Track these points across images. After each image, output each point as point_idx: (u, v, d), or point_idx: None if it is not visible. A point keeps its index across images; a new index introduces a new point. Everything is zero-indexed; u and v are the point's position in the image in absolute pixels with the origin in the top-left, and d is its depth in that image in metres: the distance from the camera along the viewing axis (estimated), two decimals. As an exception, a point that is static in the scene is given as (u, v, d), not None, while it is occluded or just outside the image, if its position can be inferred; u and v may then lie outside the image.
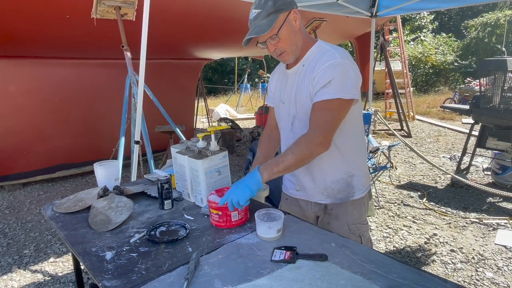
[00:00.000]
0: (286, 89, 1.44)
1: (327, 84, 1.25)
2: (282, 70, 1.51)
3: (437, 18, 20.35)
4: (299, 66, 1.39)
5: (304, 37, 1.37)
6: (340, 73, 1.26)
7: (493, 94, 3.85)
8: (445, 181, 4.42)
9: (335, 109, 1.28)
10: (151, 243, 1.21)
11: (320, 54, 1.32)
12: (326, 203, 1.46)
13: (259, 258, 1.09)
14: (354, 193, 1.45)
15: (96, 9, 2.91)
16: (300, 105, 1.37)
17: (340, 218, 1.45)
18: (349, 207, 1.45)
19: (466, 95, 10.21)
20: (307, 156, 1.28)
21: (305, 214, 1.53)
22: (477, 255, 2.73)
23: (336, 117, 1.30)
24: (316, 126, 1.28)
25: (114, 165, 1.72)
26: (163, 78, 5.47)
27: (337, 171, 1.42)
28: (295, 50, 1.35)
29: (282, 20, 1.28)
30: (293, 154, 1.27)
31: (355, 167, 1.44)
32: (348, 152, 1.41)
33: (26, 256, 2.91)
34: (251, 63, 13.43)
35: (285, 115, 1.47)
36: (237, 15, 4.27)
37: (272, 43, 1.32)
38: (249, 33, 1.30)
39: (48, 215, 1.52)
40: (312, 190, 1.47)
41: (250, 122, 9.46)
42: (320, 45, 1.37)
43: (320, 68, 1.27)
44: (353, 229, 1.44)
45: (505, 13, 14.82)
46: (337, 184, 1.43)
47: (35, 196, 4.26)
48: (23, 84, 4.25)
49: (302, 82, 1.35)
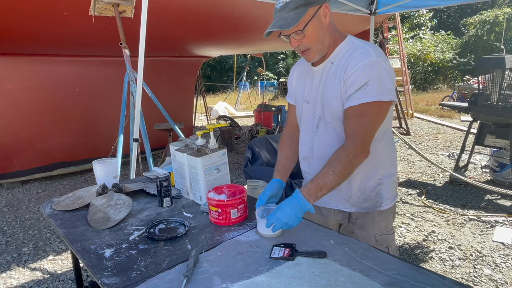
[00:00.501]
0: (312, 88, 1.32)
1: (363, 86, 1.14)
2: (305, 66, 1.39)
3: (436, 15, 20.35)
4: (327, 63, 1.27)
5: (333, 34, 1.25)
6: (377, 73, 1.14)
7: (491, 91, 3.85)
8: (443, 178, 4.43)
9: (374, 114, 1.17)
10: (150, 241, 1.21)
11: (351, 51, 1.20)
12: (350, 211, 1.37)
13: (258, 255, 1.09)
14: (382, 203, 1.34)
15: (94, 6, 2.89)
16: (328, 107, 1.26)
17: (366, 229, 1.36)
18: (377, 217, 1.35)
19: (465, 92, 10.22)
20: (349, 171, 1.19)
21: (326, 221, 1.43)
22: (475, 252, 2.75)
23: (375, 122, 1.20)
24: (354, 136, 1.18)
25: (113, 163, 1.72)
26: (161, 75, 5.46)
27: (365, 177, 1.31)
28: (321, 49, 1.23)
29: (311, 14, 1.16)
30: (334, 173, 1.16)
31: (385, 174, 1.33)
32: (379, 157, 1.30)
33: (25, 254, 2.91)
34: (250, 61, 13.42)
35: (309, 115, 1.36)
36: (236, 12, 4.26)
37: (296, 38, 1.20)
38: (272, 25, 1.19)
39: (47, 212, 1.52)
40: (336, 197, 1.36)
41: (249, 120, 9.46)
42: (351, 40, 1.25)
43: (353, 68, 1.16)
44: (381, 240, 1.35)
45: (504, 11, 14.81)
46: (364, 192, 1.33)
47: (33, 194, 4.26)
48: (21, 82, 4.23)
49: (331, 81, 1.23)
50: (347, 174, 1.19)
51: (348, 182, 1.30)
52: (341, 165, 1.17)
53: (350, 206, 1.36)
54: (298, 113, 1.44)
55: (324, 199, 1.37)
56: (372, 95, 1.14)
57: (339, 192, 1.33)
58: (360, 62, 1.15)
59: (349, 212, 1.37)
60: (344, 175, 1.18)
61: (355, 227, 1.38)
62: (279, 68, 18.20)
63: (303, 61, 1.41)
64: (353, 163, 1.17)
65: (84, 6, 2.94)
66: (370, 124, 1.18)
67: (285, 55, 18.91)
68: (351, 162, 1.17)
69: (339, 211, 1.39)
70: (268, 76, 17.28)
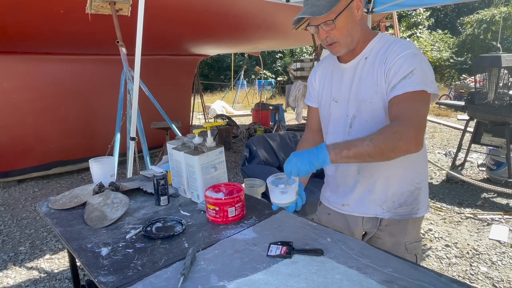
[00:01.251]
0: (342, 86, 1.25)
1: (409, 75, 1.06)
2: (329, 65, 1.33)
3: (433, 14, 20.39)
4: (360, 59, 1.20)
5: (364, 29, 1.20)
6: (420, 64, 1.08)
7: (488, 90, 3.87)
8: (440, 177, 4.45)
9: (422, 102, 1.06)
10: (147, 239, 1.21)
11: (388, 45, 1.15)
12: (383, 217, 1.26)
13: (255, 253, 1.09)
14: (419, 210, 1.26)
15: (90, 4, 2.88)
16: (367, 103, 1.17)
17: (396, 236, 1.27)
18: (409, 225, 1.26)
19: (462, 91, 10.27)
20: (389, 149, 1.00)
21: (352, 231, 1.33)
22: (471, 250, 2.76)
23: (425, 112, 1.07)
24: (405, 118, 1.03)
25: (109, 161, 1.71)
26: (159, 74, 5.45)
27: (403, 181, 1.22)
28: (350, 43, 1.16)
29: (344, 5, 1.10)
30: (371, 141, 1.01)
31: (422, 178, 1.25)
32: (416, 159, 1.20)
33: (22, 253, 2.90)
34: (247, 60, 13.39)
35: (340, 115, 1.26)
36: (233, 10, 4.25)
37: (325, 29, 1.13)
38: (303, 12, 1.12)
39: (43, 211, 1.51)
40: (368, 203, 1.26)
41: (246, 119, 9.45)
42: (385, 36, 1.20)
43: (395, 59, 1.10)
44: (410, 249, 1.28)
45: (500, 10, 14.88)
46: (401, 197, 1.23)
47: (30, 193, 4.24)
48: (17, 81, 4.21)
49: (369, 76, 1.16)
50: (384, 152, 1.01)
51: (385, 185, 1.22)
52: (382, 137, 1.01)
53: (384, 212, 1.25)
54: (324, 115, 1.34)
55: (353, 205, 1.30)
56: (418, 84, 1.06)
57: (372, 197, 1.25)
58: (401, 53, 1.10)
59: (381, 219, 1.27)
60: (381, 151, 1.00)
61: (384, 234, 1.28)
62: (277, 67, 18.18)
63: (326, 60, 1.36)
64: (398, 145, 1.00)
65: (80, 4, 2.93)
66: (423, 111, 1.05)
67: (282, 54, 18.90)
68: (396, 143, 1.00)
69: (369, 218, 1.28)
70: (265, 75, 17.27)
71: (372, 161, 1.06)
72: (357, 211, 1.30)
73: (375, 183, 1.24)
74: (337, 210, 1.36)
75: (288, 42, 8.08)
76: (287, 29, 5.34)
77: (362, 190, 1.26)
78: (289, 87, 6.63)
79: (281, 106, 7.26)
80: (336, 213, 1.37)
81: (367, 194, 1.26)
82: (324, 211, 1.44)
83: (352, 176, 1.27)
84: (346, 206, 1.32)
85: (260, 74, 13.24)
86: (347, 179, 1.29)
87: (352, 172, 1.27)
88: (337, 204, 1.36)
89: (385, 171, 1.22)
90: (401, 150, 1.01)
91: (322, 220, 1.43)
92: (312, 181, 2.67)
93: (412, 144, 1.01)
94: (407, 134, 1.00)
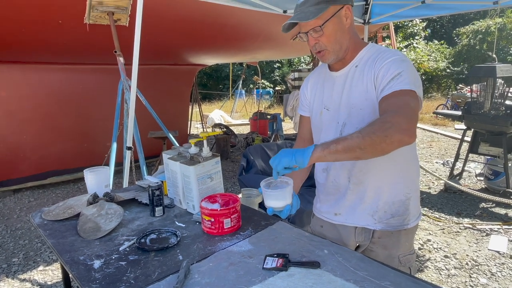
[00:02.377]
0: (333, 94, 1.26)
1: (397, 76, 1.07)
2: (321, 74, 1.35)
3: (429, 25, 20.65)
4: (350, 67, 1.22)
5: (354, 38, 1.22)
6: (408, 68, 1.09)
7: (484, 100, 3.89)
8: (438, 186, 4.44)
9: (413, 98, 1.05)
10: (140, 251, 1.19)
11: (377, 53, 1.17)
12: (375, 229, 1.26)
13: (251, 266, 1.07)
14: (410, 220, 1.26)
15: (89, 14, 2.90)
16: (358, 110, 1.18)
17: (389, 249, 1.27)
18: (402, 237, 1.26)
19: (458, 101, 10.33)
20: (380, 139, 0.94)
21: (345, 243, 1.30)
22: (470, 261, 2.74)
23: (416, 106, 1.04)
24: (394, 108, 1.01)
25: (104, 171, 1.70)
26: (156, 83, 5.46)
27: (394, 190, 1.22)
28: (338, 50, 1.18)
29: (332, 13, 1.13)
30: (360, 133, 0.97)
31: (413, 188, 1.25)
32: (406, 168, 1.23)
33: (15, 264, 2.85)
34: (245, 69, 13.46)
35: (331, 123, 1.27)
36: (231, 21, 4.28)
37: (314, 36, 1.16)
38: (292, 18, 1.16)
39: (36, 222, 1.48)
40: (360, 212, 1.25)
41: (244, 128, 9.46)
42: (375, 45, 1.23)
43: (384, 63, 1.12)
44: (404, 261, 1.27)
45: (496, 21, 15.08)
46: (393, 207, 1.23)
47: (25, 203, 4.19)
48: (15, 90, 4.21)
49: (359, 83, 1.18)
50: (376, 143, 0.95)
51: (376, 193, 1.22)
52: (372, 128, 0.96)
53: (375, 223, 1.24)
54: (315, 124, 1.35)
55: (345, 215, 1.28)
56: (407, 84, 1.05)
57: (363, 206, 1.24)
58: (389, 58, 1.12)
59: (373, 231, 1.26)
60: (372, 142, 0.95)
61: (376, 247, 1.28)
62: (275, 77, 18.29)
63: (318, 71, 1.39)
64: (389, 133, 0.94)
65: (78, 14, 2.94)
66: (413, 104, 1.03)
67: (280, 64, 19.03)
68: (386, 131, 0.94)
69: (361, 230, 1.28)
70: (264, 85, 17.35)
71: (364, 155, 0.99)
72: (349, 220, 1.29)
73: (365, 191, 1.23)
74: (329, 221, 1.35)
75: (285, 52, 8.14)
76: (285, 39, 5.38)
77: (353, 198, 1.26)
78: (287, 96, 6.66)
79: (279, 115, 7.28)
80: (328, 225, 1.36)
81: (358, 202, 1.25)
82: (317, 223, 1.43)
83: (343, 184, 1.27)
84: (338, 215, 1.31)
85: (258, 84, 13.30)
86: (338, 187, 1.29)
87: (343, 179, 1.27)
88: (329, 214, 1.35)
89: (376, 178, 1.22)
90: (393, 140, 0.95)
91: (315, 232, 1.42)
92: (308, 191, 2.67)
93: (404, 132, 0.95)
94: (398, 123, 0.96)
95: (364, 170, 1.22)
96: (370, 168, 1.21)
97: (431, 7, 3.79)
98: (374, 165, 1.20)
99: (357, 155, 0.99)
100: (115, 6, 2.93)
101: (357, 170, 1.23)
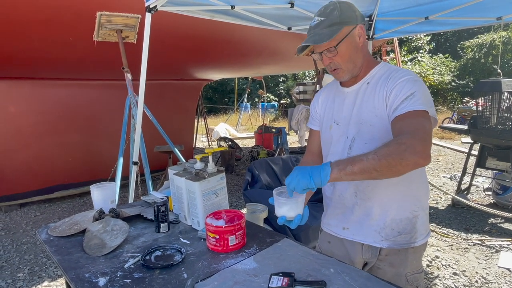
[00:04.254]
0: (343, 109, 1.28)
1: (410, 96, 1.08)
2: (332, 89, 1.38)
3: (434, 39, 20.77)
4: (362, 83, 1.25)
5: (367, 56, 1.25)
6: (421, 89, 1.11)
7: (490, 114, 3.87)
8: (446, 201, 4.38)
9: (426, 119, 1.06)
10: (145, 269, 1.19)
11: (389, 72, 1.19)
12: (381, 246, 1.24)
13: (256, 285, 1.06)
14: (417, 238, 1.24)
15: (98, 32, 2.97)
16: (367, 126, 1.19)
17: (396, 267, 1.25)
18: (410, 256, 1.24)
19: (465, 114, 10.29)
20: (396, 161, 0.95)
21: (352, 260, 1.29)
22: (480, 278, 2.67)
23: (430, 128, 1.05)
24: (409, 130, 1.01)
25: (110, 187, 1.71)
26: (163, 98, 5.53)
27: (401, 207, 1.22)
28: (352, 68, 1.21)
29: (345, 33, 1.16)
30: (376, 154, 0.97)
31: (420, 206, 1.24)
32: (415, 187, 1.23)
33: (20, 279, 2.85)
34: (251, 83, 13.60)
35: (340, 137, 1.28)
36: (236, 37, 4.36)
37: (328, 56, 1.20)
38: (306, 40, 1.19)
39: (42, 238, 1.49)
40: (366, 229, 1.25)
41: (249, 141, 9.48)
42: (387, 64, 1.25)
43: (396, 82, 1.13)
44: (411, 280, 1.25)
45: (500, 35, 15.13)
46: (400, 224, 1.22)
47: (31, 217, 4.21)
48: (23, 105, 4.28)
49: (370, 100, 1.20)
50: (391, 165, 0.96)
51: (383, 210, 1.21)
52: (388, 150, 0.97)
53: (382, 240, 1.23)
54: (324, 137, 1.37)
55: (353, 230, 1.28)
56: (420, 104, 1.07)
57: (371, 222, 1.23)
58: (402, 78, 1.13)
59: (380, 249, 1.25)
60: (387, 164, 0.95)
61: (384, 264, 1.26)
62: (280, 90, 18.43)
63: (329, 86, 1.41)
64: (404, 156, 0.95)
65: (87, 31, 3.02)
66: (427, 125, 1.04)
67: (285, 78, 19.19)
68: (402, 154, 0.95)
69: (368, 247, 1.26)
70: (269, 98, 17.47)
71: (379, 176, 1.00)
72: (357, 236, 1.28)
73: (372, 207, 1.23)
74: (337, 236, 1.35)
75: (290, 67, 8.22)
76: (289, 54, 5.45)
77: (360, 213, 1.26)
78: (292, 110, 6.68)
79: (284, 129, 7.29)
80: (336, 240, 1.36)
81: (366, 218, 1.25)
82: (325, 239, 1.42)
83: (350, 198, 1.27)
84: (346, 230, 1.31)
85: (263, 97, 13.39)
86: (345, 202, 1.29)
87: (349, 194, 1.28)
88: (337, 228, 1.34)
89: (383, 194, 1.22)
90: (408, 162, 0.96)
91: (323, 249, 1.41)
92: (314, 206, 2.65)
93: (420, 155, 0.96)
94: (413, 145, 0.96)
95: (371, 186, 1.22)
96: (377, 184, 1.21)
97: (434, 23, 3.82)
98: (381, 181, 1.19)
99: (372, 176, 0.99)
100: (123, 24, 3.01)
101: (364, 186, 1.24)
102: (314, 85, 9.84)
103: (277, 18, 3.18)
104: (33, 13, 3.03)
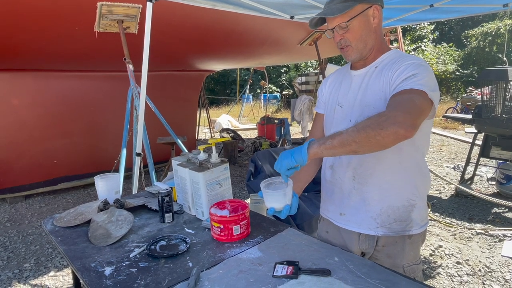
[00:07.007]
0: (349, 92, 1.27)
1: (411, 76, 1.07)
2: (341, 74, 1.38)
3: (438, 28, 20.50)
4: (370, 67, 1.24)
5: (379, 40, 1.23)
6: (425, 71, 1.09)
7: (495, 103, 3.83)
8: (449, 191, 4.37)
9: (420, 96, 1.03)
10: (151, 258, 1.20)
11: (398, 57, 1.18)
12: (377, 234, 1.24)
13: (261, 273, 1.07)
14: (412, 227, 1.24)
15: (99, 22, 2.95)
16: (371, 108, 1.18)
17: (393, 258, 1.25)
18: (407, 246, 1.24)
19: (468, 104, 10.20)
20: (375, 133, 0.95)
21: (348, 249, 1.28)
22: (483, 268, 2.68)
23: (421, 103, 1.03)
24: (396, 105, 1.02)
25: (115, 178, 1.71)
26: (165, 89, 5.51)
27: (399, 195, 1.22)
28: (362, 48, 1.20)
29: (359, 11, 1.15)
30: (355, 126, 0.99)
31: (418, 195, 1.24)
32: (413, 174, 1.22)
33: (27, 270, 2.88)
34: (253, 74, 13.52)
35: (343, 120, 1.27)
36: (238, 28, 4.31)
37: (339, 32, 1.19)
38: (319, 13, 1.20)
39: (48, 229, 1.50)
40: (362, 215, 1.25)
41: (252, 133, 9.47)
42: (398, 51, 1.24)
43: (402, 64, 1.12)
44: (409, 271, 1.25)
45: (505, 23, 14.89)
46: (396, 211, 1.22)
47: (36, 208, 4.25)
48: (26, 97, 4.28)
49: (376, 83, 1.19)
50: (371, 136, 0.95)
51: (380, 197, 1.21)
52: (367, 122, 0.98)
53: (377, 227, 1.23)
54: (327, 120, 1.36)
55: (349, 215, 1.28)
56: (419, 84, 1.05)
57: (367, 208, 1.23)
58: (409, 61, 1.12)
59: (377, 238, 1.25)
60: (367, 136, 0.96)
61: (381, 255, 1.26)
62: (282, 81, 18.33)
63: (340, 70, 1.41)
64: (383, 125, 0.94)
65: (89, 22, 2.99)
66: (418, 102, 1.02)
67: (287, 68, 19.07)
68: (381, 123, 0.95)
69: (365, 237, 1.27)
70: (271, 89, 17.39)
71: (359, 149, 0.99)
72: (352, 222, 1.28)
73: (369, 192, 1.23)
74: (334, 223, 1.35)
75: (292, 57, 8.15)
76: (292, 44, 5.40)
77: (357, 199, 1.26)
78: (294, 101, 6.65)
79: (286, 120, 7.27)
80: (334, 230, 1.37)
81: (362, 204, 1.24)
82: (323, 229, 1.43)
83: (348, 182, 1.27)
84: (343, 215, 1.31)
85: (266, 88, 13.33)
86: (343, 186, 1.29)
87: (348, 178, 1.27)
88: (334, 214, 1.35)
89: (381, 180, 1.21)
90: (388, 132, 0.94)
91: (321, 238, 1.41)
92: (318, 196, 2.65)
93: (400, 125, 0.93)
94: (394, 115, 0.96)
95: (370, 170, 1.22)
96: (375, 169, 1.21)
97: (439, 10, 3.76)
98: (380, 166, 1.20)
99: (353, 149, 1.00)
100: (124, 14, 2.98)
101: (363, 170, 1.23)
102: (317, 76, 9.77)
103: (279, 6, 3.14)
104: (35, 4, 3.01)
